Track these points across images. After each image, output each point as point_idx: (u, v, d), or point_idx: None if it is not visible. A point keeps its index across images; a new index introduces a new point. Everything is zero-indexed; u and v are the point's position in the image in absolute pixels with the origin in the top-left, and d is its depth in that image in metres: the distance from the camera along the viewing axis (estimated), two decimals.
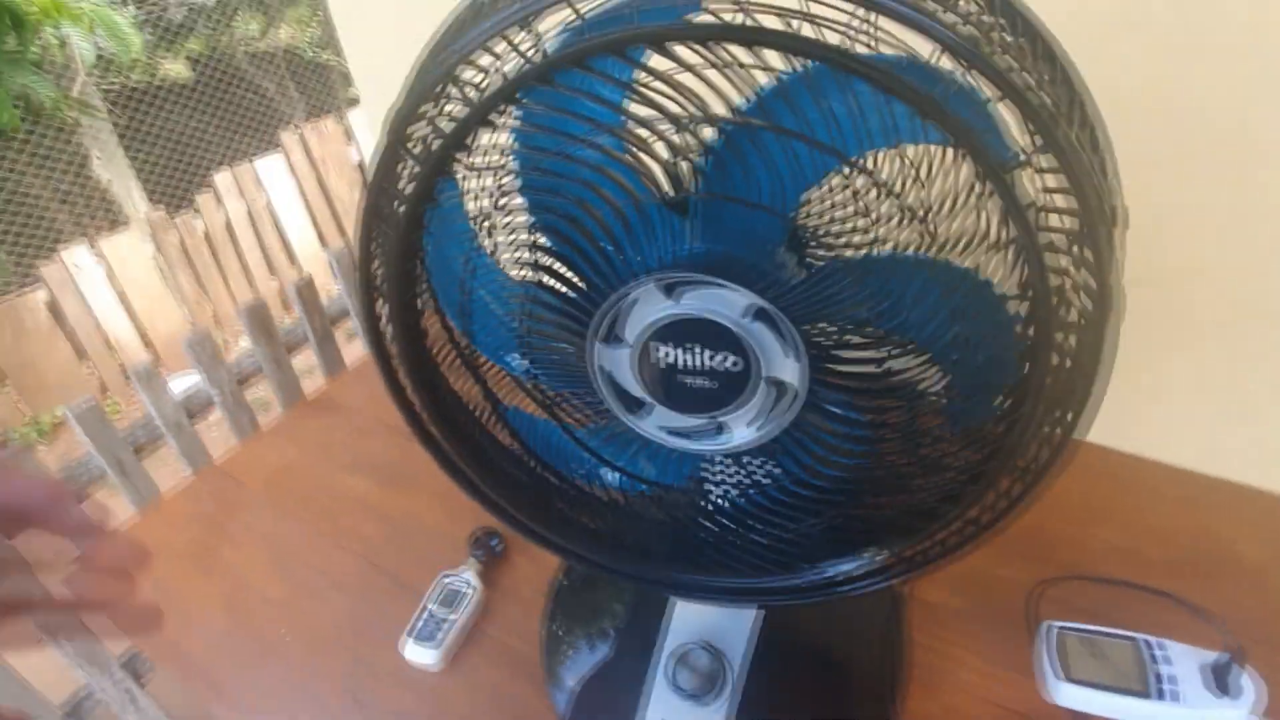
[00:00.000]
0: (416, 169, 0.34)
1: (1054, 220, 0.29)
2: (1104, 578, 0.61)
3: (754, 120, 0.31)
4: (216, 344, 1.01)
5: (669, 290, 0.34)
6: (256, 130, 3.40)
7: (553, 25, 0.32)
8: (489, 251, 0.38)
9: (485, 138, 0.34)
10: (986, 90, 0.27)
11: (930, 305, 0.32)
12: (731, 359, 0.35)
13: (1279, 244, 0.63)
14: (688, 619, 0.59)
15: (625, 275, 0.35)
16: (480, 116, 0.33)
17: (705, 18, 0.29)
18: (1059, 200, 0.28)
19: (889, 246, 0.31)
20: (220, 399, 1.03)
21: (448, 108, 0.34)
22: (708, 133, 0.33)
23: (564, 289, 0.36)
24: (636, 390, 0.38)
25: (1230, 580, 0.63)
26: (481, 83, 0.33)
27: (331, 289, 1.10)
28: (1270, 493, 0.69)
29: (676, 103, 0.32)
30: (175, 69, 3.28)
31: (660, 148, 0.35)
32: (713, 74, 0.32)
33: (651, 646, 0.58)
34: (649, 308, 0.35)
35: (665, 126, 0.33)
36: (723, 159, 0.32)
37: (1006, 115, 0.28)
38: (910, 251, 0.31)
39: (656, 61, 0.32)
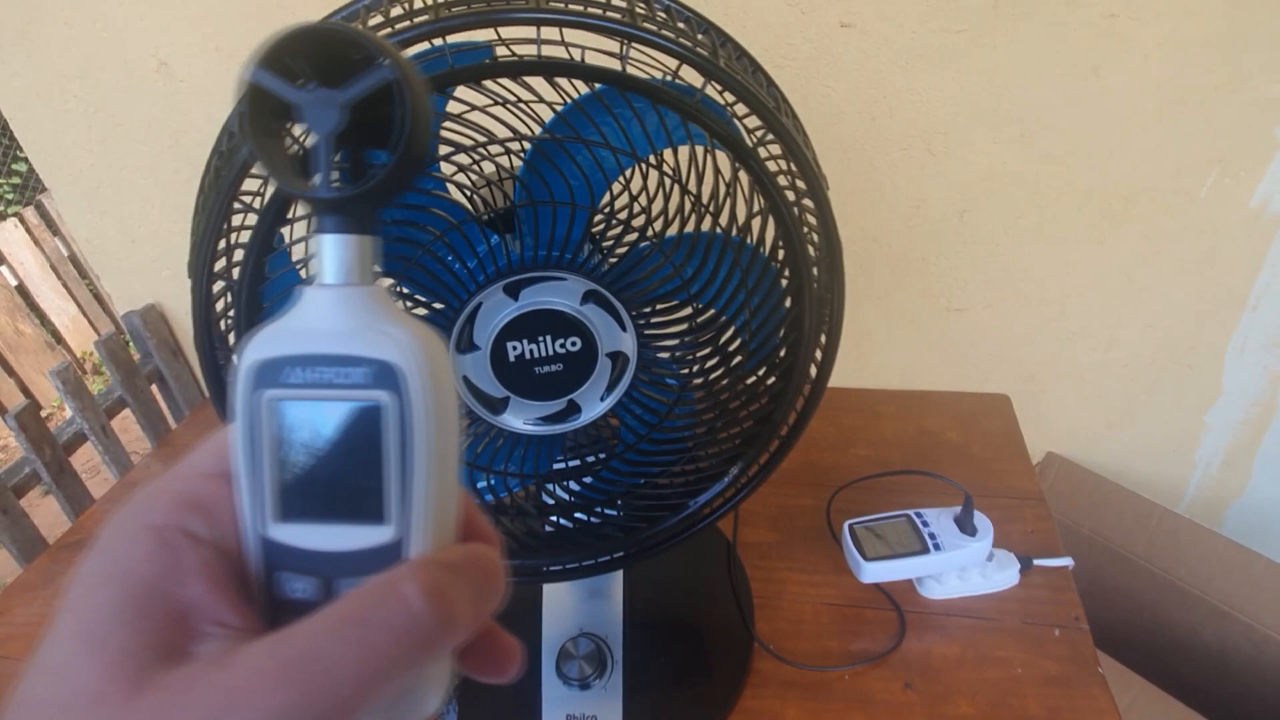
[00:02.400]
0: (241, 253, 0.36)
1: (784, 181, 0.39)
2: (868, 475, 0.77)
3: (557, 136, 0.38)
4: None
5: (512, 291, 0.40)
6: None
7: None
8: None
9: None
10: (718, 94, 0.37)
11: (717, 269, 0.41)
12: (573, 340, 0.41)
13: (917, 214, 0.85)
14: (558, 618, 0.63)
15: (471, 288, 0.39)
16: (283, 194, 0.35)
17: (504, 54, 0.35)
18: (785, 168, 0.39)
19: (678, 226, 0.40)
20: None
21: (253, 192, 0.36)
22: (514, 160, 0.39)
23: (421, 313, 0.40)
24: (495, 390, 0.42)
25: (947, 457, 0.82)
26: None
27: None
28: (954, 392, 0.91)
29: (485, 131, 0.38)
30: None
31: (469, 178, 0.40)
32: (497, 112, 0.39)
33: (535, 652, 0.61)
34: (496, 311, 0.40)
35: (470, 157, 0.38)
36: (533, 174, 0.39)
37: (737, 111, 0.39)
38: (693, 229, 0.40)
39: (455, 107, 0.37)
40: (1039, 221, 0.80)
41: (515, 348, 0.41)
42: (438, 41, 0.33)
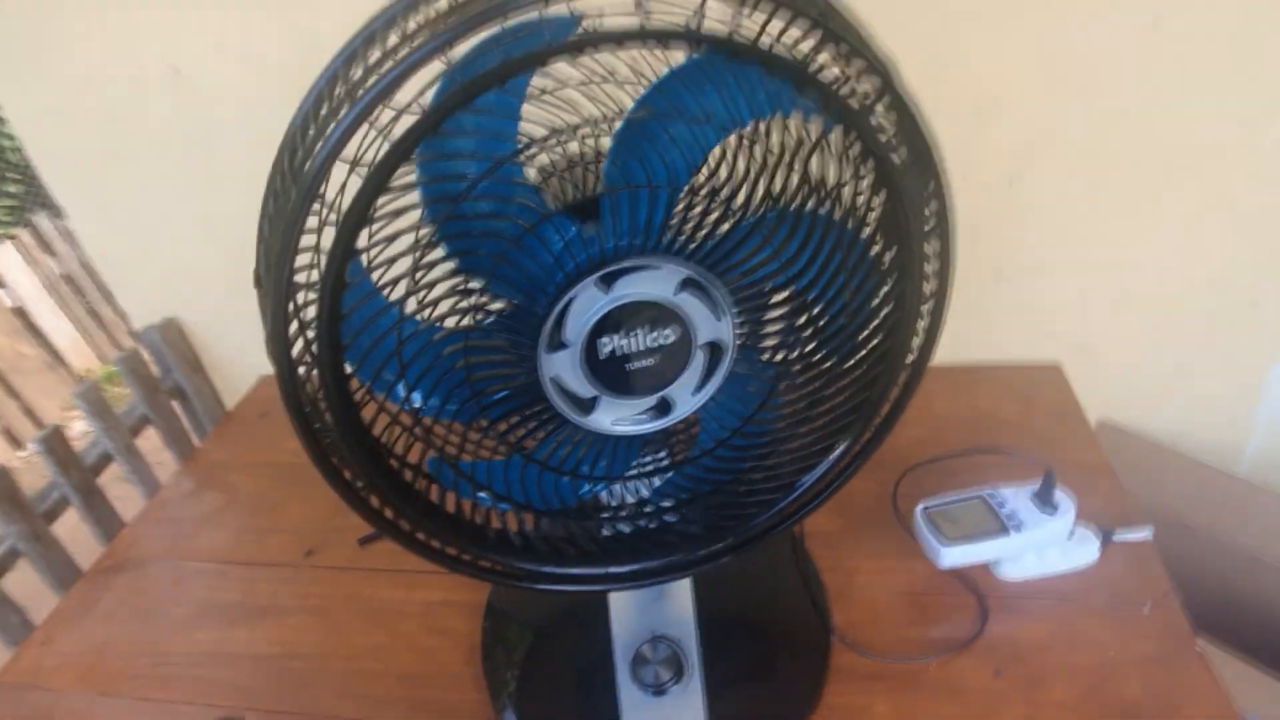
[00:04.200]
0: (321, 259, 0.33)
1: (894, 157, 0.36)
2: (942, 456, 0.74)
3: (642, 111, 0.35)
4: None
5: (605, 283, 0.37)
6: None
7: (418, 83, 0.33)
8: (416, 313, 0.37)
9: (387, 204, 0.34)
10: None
11: (819, 247, 0.38)
12: (668, 331, 0.38)
13: (965, 183, 0.81)
14: (627, 622, 0.60)
15: (559, 279, 0.36)
16: (376, 185, 0.32)
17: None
18: (894, 137, 0.36)
19: (777, 204, 0.37)
20: None
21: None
22: (605, 140, 0.37)
23: (504, 313, 0.37)
24: (584, 389, 0.39)
25: (1006, 433, 0.80)
26: (361, 156, 0.32)
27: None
28: (1003, 365, 0.88)
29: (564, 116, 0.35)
30: None
31: (554, 164, 0.37)
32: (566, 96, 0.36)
33: (609, 660, 0.58)
34: (587, 305, 0.37)
35: (554, 141, 0.36)
36: (625, 154, 0.36)
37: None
38: (796, 205, 0.38)
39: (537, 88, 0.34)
40: (1095, 183, 0.78)
41: (606, 343, 0.38)
42: (532, 15, 0.30)
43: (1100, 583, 0.64)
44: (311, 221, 0.34)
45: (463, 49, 0.32)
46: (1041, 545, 0.64)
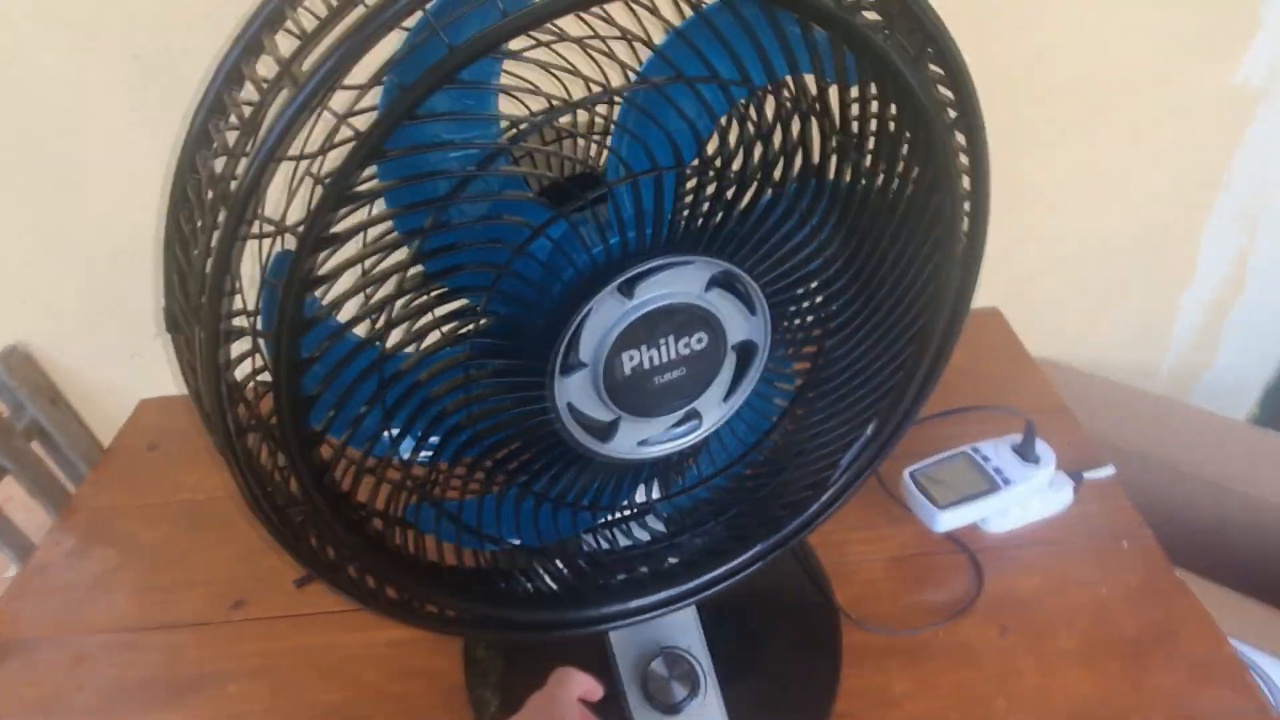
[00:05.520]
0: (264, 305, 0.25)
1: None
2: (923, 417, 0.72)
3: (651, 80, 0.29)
4: None
5: (626, 289, 0.30)
6: None
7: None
8: (396, 346, 0.29)
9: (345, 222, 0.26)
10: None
11: (856, 223, 0.34)
12: (699, 336, 0.33)
13: None
14: (628, 640, 0.55)
15: (573, 293, 0.30)
16: (340, 190, 0.24)
17: None
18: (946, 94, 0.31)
19: (808, 177, 0.32)
20: None
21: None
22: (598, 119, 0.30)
23: (507, 337, 0.30)
24: (604, 413, 0.33)
25: (957, 382, 0.79)
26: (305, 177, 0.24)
27: None
28: None
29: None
30: None
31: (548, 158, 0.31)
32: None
33: (613, 687, 0.53)
34: (606, 317, 0.31)
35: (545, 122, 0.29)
36: (620, 139, 0.29)
37: None
38: (834, 175, 0.32)
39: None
40: (1031, 123, 0.77)
41: (632, 358, 0.32)
42: None
43: (1078, 524, 0.65)
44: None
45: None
46: (1027, 497, 0.63)
